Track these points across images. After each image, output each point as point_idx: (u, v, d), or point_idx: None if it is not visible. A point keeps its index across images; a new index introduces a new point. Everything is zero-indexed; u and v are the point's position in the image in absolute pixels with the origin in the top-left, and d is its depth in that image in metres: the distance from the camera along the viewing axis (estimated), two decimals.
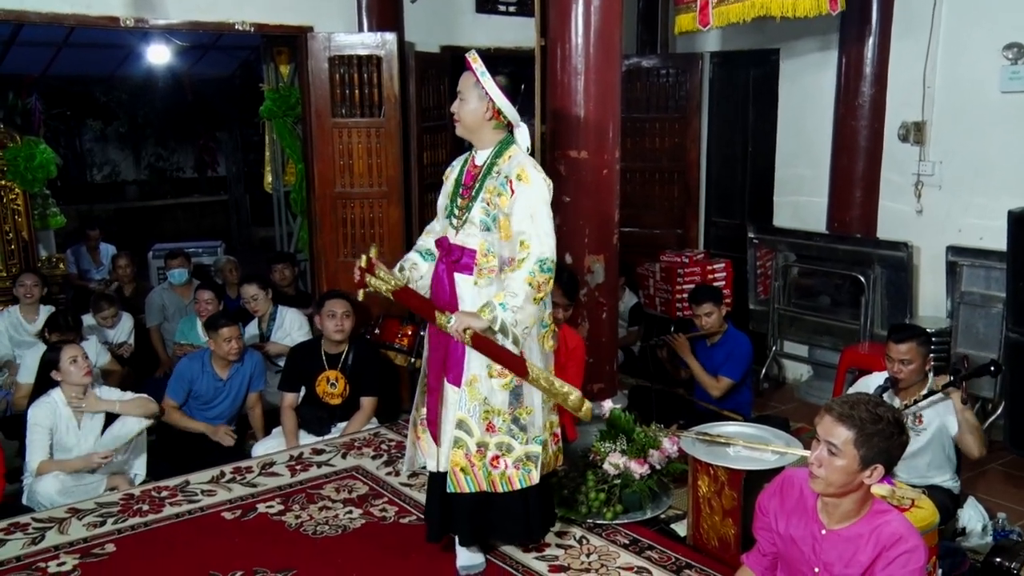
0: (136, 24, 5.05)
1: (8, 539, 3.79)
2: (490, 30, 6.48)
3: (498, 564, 3.53)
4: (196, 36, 8.80)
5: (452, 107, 3.35)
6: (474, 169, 3.35)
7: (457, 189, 3.37)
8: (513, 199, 3.18)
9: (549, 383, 3.28)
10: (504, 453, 3.32)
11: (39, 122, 10.41)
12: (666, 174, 6.81)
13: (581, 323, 4.58)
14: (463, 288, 3.29)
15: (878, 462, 2.26)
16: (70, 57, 9.66)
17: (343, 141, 5.61)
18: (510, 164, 3.26)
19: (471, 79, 3.26)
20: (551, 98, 4.52)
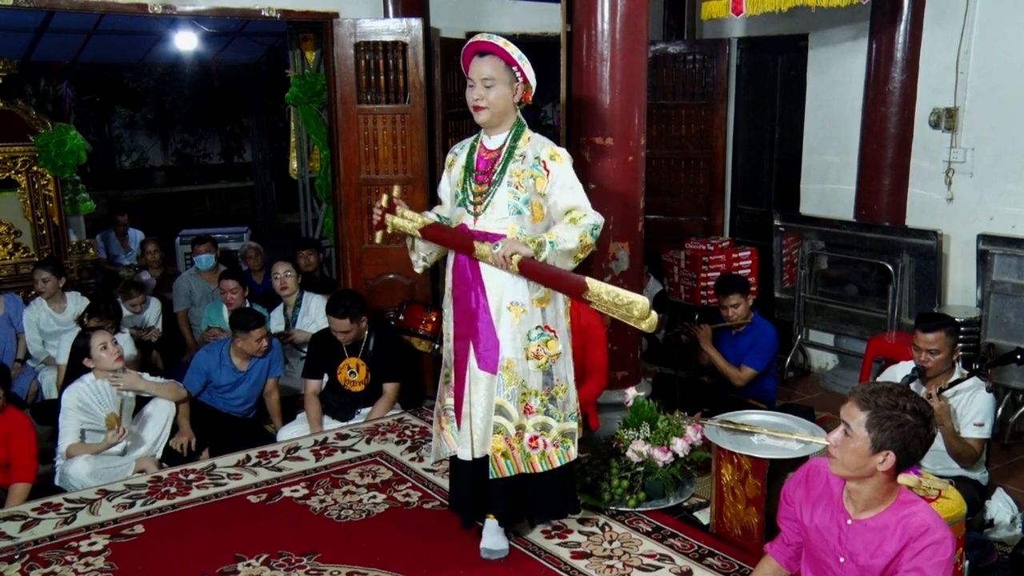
0: (164, 11, 5.08)
1: (42, 518, 3.86)
2: (516, 15, 6.45)
3: (520, 550, 3.54)
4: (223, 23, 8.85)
5: (475, 94, 3.23)
6: (488, 154, 3.32)
7: (468, 175, 3.33)
8: (551, 179, 3.25)
9: (612, 295, 3.14)
10: (542, 432, 3.35)
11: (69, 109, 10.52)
12: (692, 161, 6.77)
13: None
14: (488, 274, 3.27)
15: (889, 448, 2.23)
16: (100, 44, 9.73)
17: (368, 127, 5.61)
18: (535, 146, 3.28)
19: (500, 63, 3.21)
20: (576, 84, 4.49)
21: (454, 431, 3.43)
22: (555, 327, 3.36)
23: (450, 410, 3.45)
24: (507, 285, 3.26)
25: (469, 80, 3.24)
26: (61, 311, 5.64)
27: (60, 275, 5.67)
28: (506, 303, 3.28)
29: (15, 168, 6.38)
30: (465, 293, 3.31)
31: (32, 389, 5.49)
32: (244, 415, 5.02)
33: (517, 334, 3.29)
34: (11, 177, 6.39)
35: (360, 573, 3.38)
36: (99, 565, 3.48)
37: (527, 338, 3.30)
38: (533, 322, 3.31)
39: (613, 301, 3.13)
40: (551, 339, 3.34)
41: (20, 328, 5.72)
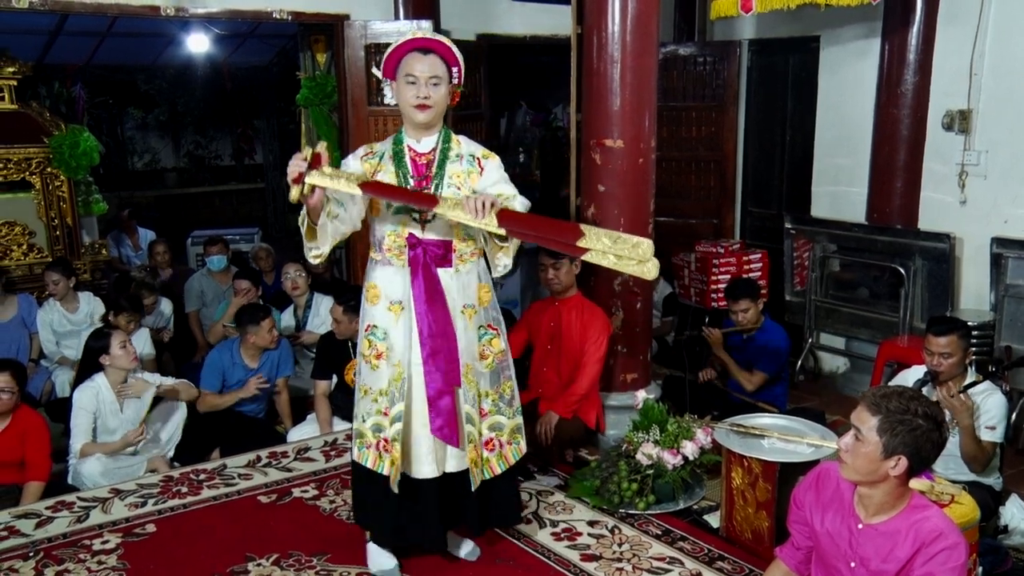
0: (176, 13, 5.11)
1: (55, 516, 3.88)
2: (526, 17, 6.46)
3: (529, 552, 3.54)
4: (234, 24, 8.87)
5: (422, 92, 3.04)
6: (420, 157, 3.16)
7: (403, 182, 3.12)
8: (484, 176, 3.19)
9: (613, 238, 3.00)
10: (496, 433, 3.31)
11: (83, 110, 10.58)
12: (702, 163, 6.75)
13: (615, 312, 4.56)
14: (446, 281, 3.16)
15: (901, 453, 2.22)
16: (113, 46, 9.77)
17: (379, 129, 5.63)
18: (467, 146, 3.22)
19: (442, 62, 3.09)
20: (587, 86, 4.49)
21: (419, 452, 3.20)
22: (496, 324, 3.33)
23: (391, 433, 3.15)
24: (460, 288, 3.19)
25: (409, 77, 3.05)
26: (74, 311, 5.67)
27: (70, 276, 5.70)
28: (459, 307, 3.19)
29: (29, 169, 6.41)
30: (432, 307, 3.12)
31: (46, 388, 5.52)
32: (255, 415, 5.03)
33: (472, 338, 3.24)
34: (25, 178, 6.43)
35: (370, 574, 3.38)
36: (112, 563, 3.49)
37: (478, 339, 3.27)
38: (480, 321, 3.28)
39: (615, 243, 2.98)
40: (495, 337, 3.31)
41: (34, 328, 5.75)
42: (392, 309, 3.18)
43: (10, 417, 4.14)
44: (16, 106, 6.49)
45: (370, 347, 3.19)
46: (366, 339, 3.21)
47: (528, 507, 3.92)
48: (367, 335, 3.21)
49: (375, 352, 3.18)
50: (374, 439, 3.21)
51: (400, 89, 3.10)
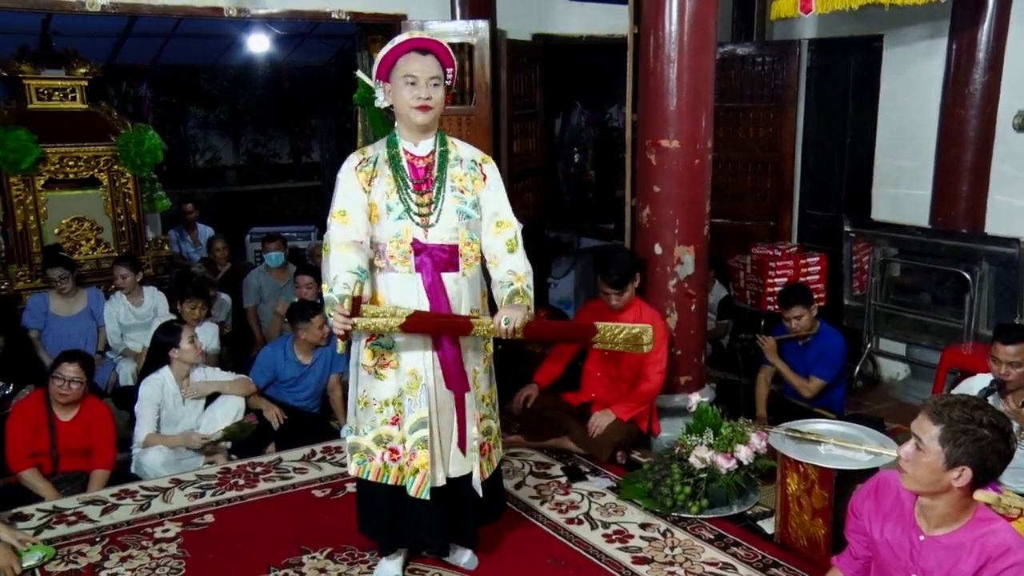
0: (238, 14, 5.19)
1: (119, 504, 4.00)
2: (583, 17, 6.44)
3: (582, 554, 3.53)
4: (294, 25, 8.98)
5: (423, 93, 2.98)
6: (418, 160, 3.09)
7: (403, 186, 3.05)
8: (487, 183, 3.17)
9: (616, 331, 3.14)
10: (487, 437, 3.29)
11: (148, 109, 10.82)
12: (759, 164, 6.66)
13: (669, 314, 4.52)
14: (451, 287, 3.09)
15: (965, 464, 2.16)
16: (177, 47, 9.98)
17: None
18: (463, 149, 3.18)
19: (439, 63, 3.02)
20: (643, 86, 4.46)
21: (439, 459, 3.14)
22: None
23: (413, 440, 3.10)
24: (465, 293, 3.13)
25: (409, 77, 2.96)
26: (139, 305, 5.81)
27: (137, 271, 5.86)
28: (466, 312, 3.13)
29: (98, 167, 6.59)
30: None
31: (111, 380, 5.66)
32: (309, 410, 5.09)
33: (478, 342, 3.20)
34: (94, 175, 6.61)
35: (421, 570, 3.41)
36: (172, 551, 3.58)
37: (481, 343, 3.22)
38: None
39: (619, 335, 3.16)
40: (488, 341, 3.25)
41: (101, 321, 5.90)
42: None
43: (78, 406, 4.26)
44: (86, 106, 6.67)
45: (374, 357, 3.10)
46: (369, 349, 3.10)
47: (580, 508, 3.91)
48: (371, 345, 3.09)
49: (381, 362, 3.10)
50: (378, 450, 3.12)
51: (398, 90, 3.01)
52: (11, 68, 6.44)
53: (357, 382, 3.19)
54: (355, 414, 3.21)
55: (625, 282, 4.34)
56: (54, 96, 6.58)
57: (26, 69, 6.44)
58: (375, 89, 3.12)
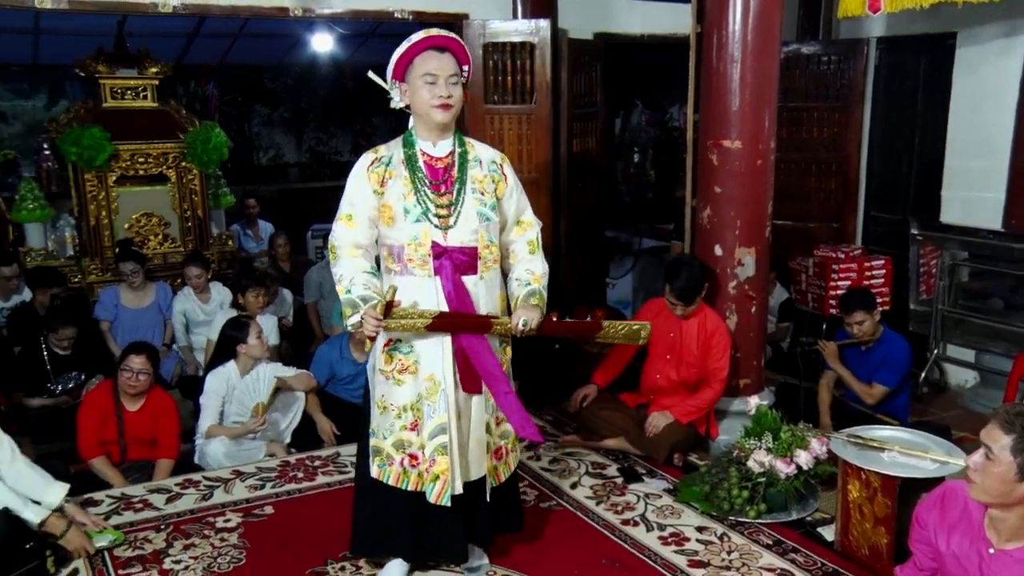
0: (304, 13, 5.26)
1: (183, 493, 4.10)
2: (645, 16, 6.39)
3: (637, 555, 3.51)
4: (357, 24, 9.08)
5: (444, 91, 2.92)
6: (436, 161, 3.02)
7: (419, 187, 2.98)
8: (508, 183, 3.16)
9: (618, 328, 3.20)
10: (504, 441, 3.25)
11: (215, 108, 11.07)
12: (823, 165, 6.54)
13: (729, 316, 4.47)
14: (470, 290, 3.03)
15: None
16: (243, 47, 10.18)
17: (494, 127, 5.67)
18: (482, 150, 3.14)
19: (458, 64, 2.97)
20: (705, 86, 4.42)
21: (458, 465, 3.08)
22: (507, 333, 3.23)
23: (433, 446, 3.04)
24: (486, 295, 3.08)
25: (428, 76, 2.91)
26: (207, 301, 5.95)
27: (207, 269, 6.02)
28: (484, 313, 3.08)
29: (167, 163, 6.76)
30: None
31: (176, 372, 5.80)
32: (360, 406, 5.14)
33: (496, 346, 3.14)
34: (163, 172, 6.78)
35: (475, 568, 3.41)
36: (233, 541, 3.65)
37: (499, 347, 3.17)
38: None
39: (621, 332, 3.29)
40: (507, 344, 3.22)
41: (168, 314, 6.05)
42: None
43: (145, 397, 4.37)
44: (157, 104, 6.85)
45: (392, 362, 3.04)
46: (386, 354, 3.05)
47: (635, 509, 3.89)
48: (388, 350, 3.05)
49: (399, 367, 3.04)
50: (397, 455, 3.07)
51: (416, 89, 2.95)
52: (88, 68, 6.64)
53: (375, 386, 3.14)
54: (373, 419, 3.15)
55: (693, 296, 4.31)
56: (127, 95, 6.77)
57: (102, 69, 6.64)
58: (390, 90, 3.04)
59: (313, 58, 11.53)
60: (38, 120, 12.01)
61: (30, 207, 6.94)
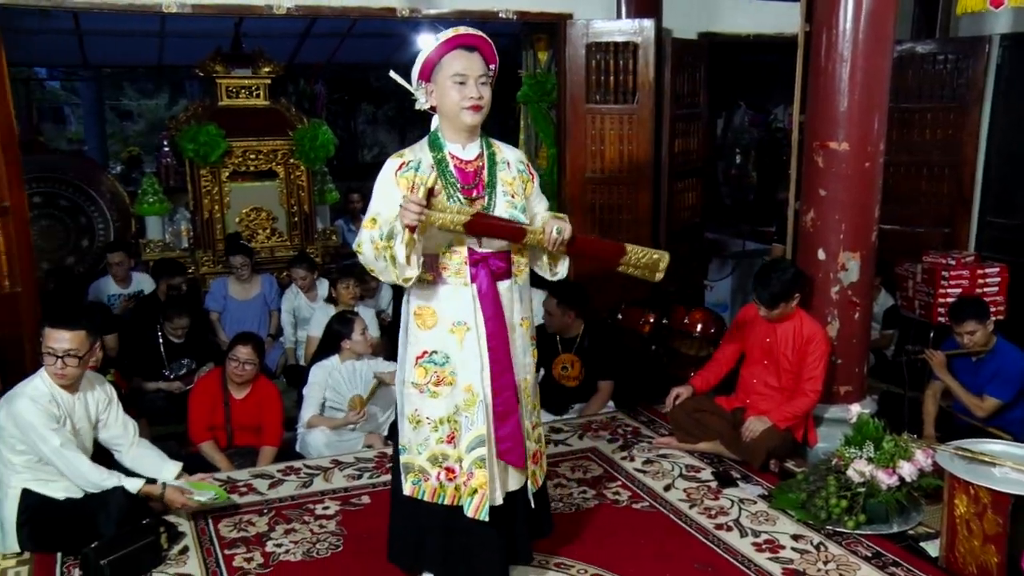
0: (410, 14, 5.37)
1: (285, 480, 4.23)
2: (751, 16, 6.28)
3: (730, 560, 3.46)
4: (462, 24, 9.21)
5: (475, 92, 2.81)
6: (466, 164, 2.90)
7: (452, 191, 2.84)
8: (536, 184, 3.09)
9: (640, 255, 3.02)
10: (539, 444, 3.14)
11: (322, 106, 11.38)
12: (935, 168, 6.29)
13: (830, 322, 4.36)
14: (504, 295, 2.92)
15: None
16: (351, 47, 10.42)
17: (596, 127, 5.67)
18: (506, 151, 3.03)
19: (486, 64, 2.85)
20: (812, 86, 4.31)
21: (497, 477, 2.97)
22: (535, 335, 3.14)
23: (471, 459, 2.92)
24: (519, 300, 2.99)
25: (458, 76, 2.79)
26: (314, 299, 6.14)
27: (314, 270, 6.20)
28: (518, 320, 2.98)
29: (276, 160, 6.99)
30: (498, 324, 2.91)
31: (281, 363, 6.00)
32: None
33: (528, 350, 3.06)
34: (272, 168, 7.01)
35: (567, 565, 3.42)
36: (331, 528, 3.75)
37: (530, 351, 3.08)
38: (531, 333, 3.10)
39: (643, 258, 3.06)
40: (534, 347, 3.13)
41: (273, 306, 6.26)
42: (455, 331, 2.88)
43: (251, 386, 4.54)
44: (268, 102, 7.09)
45: (427, 375, 2.90)
46: (421, 367, 2.91)
47: (729, 514, 3.84)
48: (423, 362, 2.90)
49: (435, 379, 2.90)
50: (433, 470, 2.95)
51: (444, 90, 2.82)
52: (207, 68, 6.92)
53: (405, 401, 2.99)
54: (405, 433, 3.00)
55: (777, 301, 4.23)
56: (241, 94, 7.03)
57: (219, 69, 6.91)
58: (415, 91, 2.91)
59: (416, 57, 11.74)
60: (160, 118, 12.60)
61: (151, 201, 7.30)
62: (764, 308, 4.27)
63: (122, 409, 3.83)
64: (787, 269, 4.32)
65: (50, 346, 3.48)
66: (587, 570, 3.39)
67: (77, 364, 3.51)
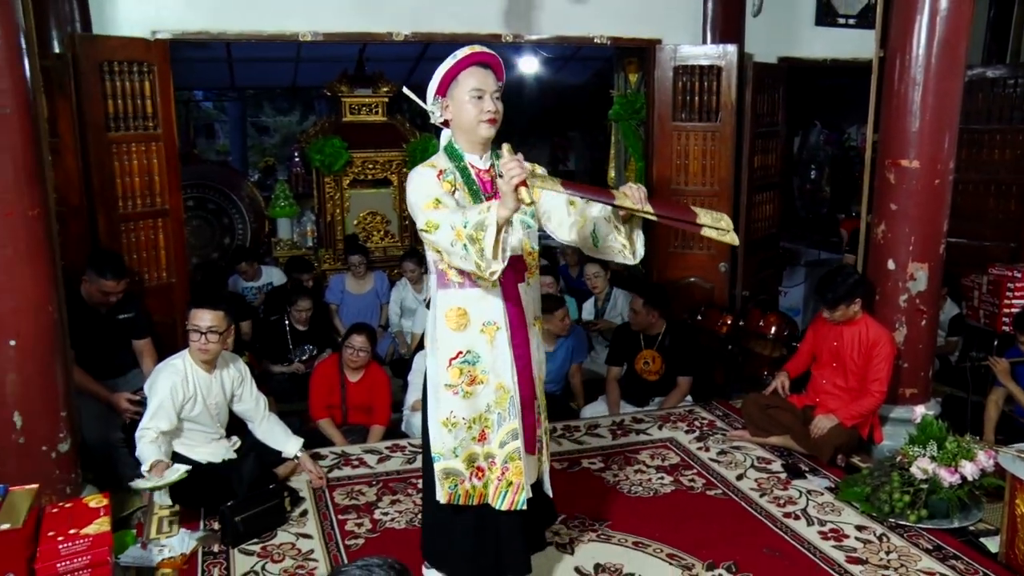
0: (514, 39, 5.42)
1: (391, 456, 4.34)
2: (828, 42, 6.13)
3: (797, 547, 3.40)
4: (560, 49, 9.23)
5: (492, 106, 2.68)
6: (483, 174, 2.77)
7: (477, 199, 2.70)
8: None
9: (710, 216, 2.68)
10: (547, 437, 2.99)
11: None
12: (1003, 186, 6.02)
13: (898, 328, 4.23)
14: (523, 296, 2.79)
15: None
16: None
17: (681, 143, 5.64)
18: None
19: (497, 80, 2.73)
20: (886, 107, 4.19)
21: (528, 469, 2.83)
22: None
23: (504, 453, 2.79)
24: (531, 301, 2.82)
25: (475, 91, 2.66)
26: (420, 292, 6.27)
27: (423, 264, 6.33)
28: (532, 319, 2.85)
29: (390, 169, 7.17)
30: (520, 323, 2.79)
31: (390, 352, 6.14)
32: (553, 392, 5.24)
33: (541, 346, 2.92)
34: (387, 177, 7.19)
35: (644, 544, 3.43)
36: None
37: (542, 348, 2.95)
38: (542, 331, 2.98)
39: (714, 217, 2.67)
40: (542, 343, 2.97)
41: (384, 300, 6.42)
42: (486, 331, 2.72)
43: (364, 371, 4.67)
44: (385, 118, 7.27)
45: (462, 375, 2.72)
46: (456, 368, 2.72)
47: (797, 504, 3.77)
48: (458, 363, 2.72)
49: (469, 379, 2.72)
50: (467, 471, 2.78)
51: (462, 104, 2.69)
52: (333, 88, 7.15)
53: (438, 404, 2.76)
54: (439, 439, 2.77)
55: (837, 303, 4.13)
56: (362, 111, 7.23)
57: (344, 89, 7.13)
58: (432, 106, 2.76)
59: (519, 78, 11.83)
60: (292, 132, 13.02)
61: (282, 205, 7.58)
62: (827, 309, 4.17)
63: (255, 386, 4.00)
64: (850, 275, 4.22)
65: (195, 324, 3.66)
66: (663, 549, 3.38)
67: (217, 340, 3.69)
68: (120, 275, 4.20)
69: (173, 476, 3.33)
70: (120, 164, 4.59)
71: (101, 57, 4.44)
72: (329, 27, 4.95)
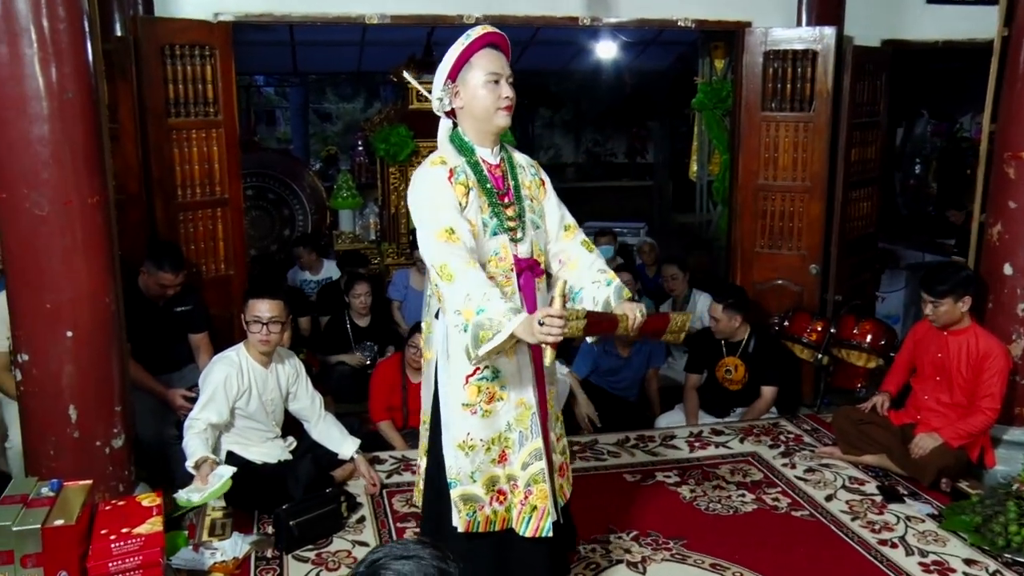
0: (592, 22, 5.36)
1: None
2: (941, 21, 5.88)
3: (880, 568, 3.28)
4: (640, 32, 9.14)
5: (507, 92, 2.56)
6: (494, 169, 2.65)
7: (491, 198, 2.60)
8: (548, 188, 2.82)
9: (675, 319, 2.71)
10: (565, 457, 2.88)
11: None
12: None
13: (1016, 340, 4.04)
14: (539, 298, 2.68)
15: None
16: (532, 54, 10.56)
17: (770, 134, 5.49)
18: (517, 154, 2.79)
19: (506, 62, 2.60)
20: (1007, 94, 4.01)
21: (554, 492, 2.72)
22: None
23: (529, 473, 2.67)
24: (540, 305, 2.66)
25: (492, 76, 2.53)
26: None
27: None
28: None
29: None
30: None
31: None
32: (627, 398, 5.19)
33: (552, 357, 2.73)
34: None
35: (722, 566, 3.35)
36: None
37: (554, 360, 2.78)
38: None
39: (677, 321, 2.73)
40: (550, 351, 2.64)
41: None
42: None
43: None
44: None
45: (480, 393, 2.59)
46: (474, 385, 2.59)
47: (895, 531, 3.63)
48: (475, 380, 2.58)
49: (487, 396, 2.60)
50: (487, 496, 2.66)
51: (475, 90, 2.55)
52: (399, 74, 7.19)
53: (453, 425, 2.63)
54: (456, 465, 2.64)
55: (944, 292, 3.92)
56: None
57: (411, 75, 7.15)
58: (442, 93, 2.62)
59: (596, 64, 11.77)
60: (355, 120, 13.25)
61: (345, 196, 7.68)
62: (931, 303, 3.98)
63: (311, 383, 4.04)
64: (962, 268, 4.05)
65: (256, 315, 3.72)
66: (742, 573, 3.30)
67: (279, 330, 3.75)
68: (178, 267, 4.31)
69: (217, 484, 3.39)
70: (179, 151, 4.71)
71: (163, 40, 4.56)
72: (397, 9, 4.99)
